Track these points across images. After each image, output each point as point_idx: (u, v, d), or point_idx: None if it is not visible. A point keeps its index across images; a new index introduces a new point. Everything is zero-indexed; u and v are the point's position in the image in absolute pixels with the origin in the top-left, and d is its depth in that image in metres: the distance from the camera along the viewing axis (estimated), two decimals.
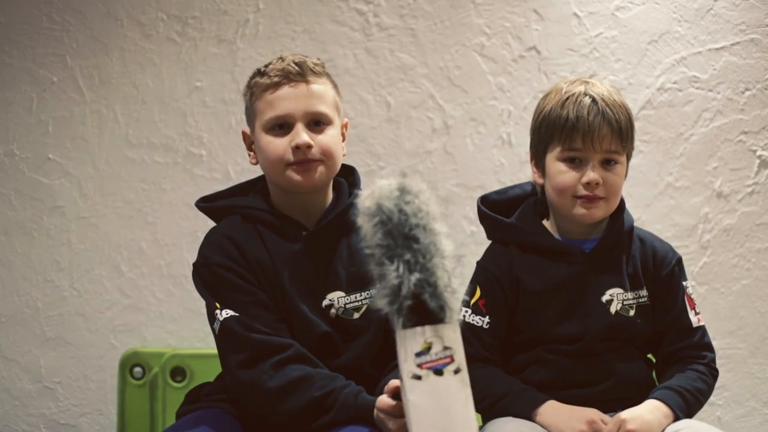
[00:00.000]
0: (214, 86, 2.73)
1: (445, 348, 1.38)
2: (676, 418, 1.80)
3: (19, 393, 2.74)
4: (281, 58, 1.88)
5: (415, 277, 1.37)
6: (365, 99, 2.70)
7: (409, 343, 1.38)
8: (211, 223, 1.98)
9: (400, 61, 2.72)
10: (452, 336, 1.39)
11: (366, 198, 1.42)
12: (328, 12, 2.72)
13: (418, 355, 1.38)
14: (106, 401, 2.72)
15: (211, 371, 2.09)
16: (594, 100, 1.87)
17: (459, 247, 1.41)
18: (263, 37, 2.73)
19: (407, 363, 1.38)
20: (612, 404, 1.87)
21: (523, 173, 2.66)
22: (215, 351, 1.88)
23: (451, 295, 1.39)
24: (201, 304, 2.67)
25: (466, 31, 2.72)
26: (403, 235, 1.39)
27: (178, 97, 2.73)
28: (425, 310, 1.38)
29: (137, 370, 2.62)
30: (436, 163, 2.70)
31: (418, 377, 1.38)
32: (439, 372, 1.38)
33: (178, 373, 2.58)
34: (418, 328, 1.38)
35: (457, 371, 1.38)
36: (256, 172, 1.99)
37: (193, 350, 2.63)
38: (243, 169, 2.69)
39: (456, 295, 1.39)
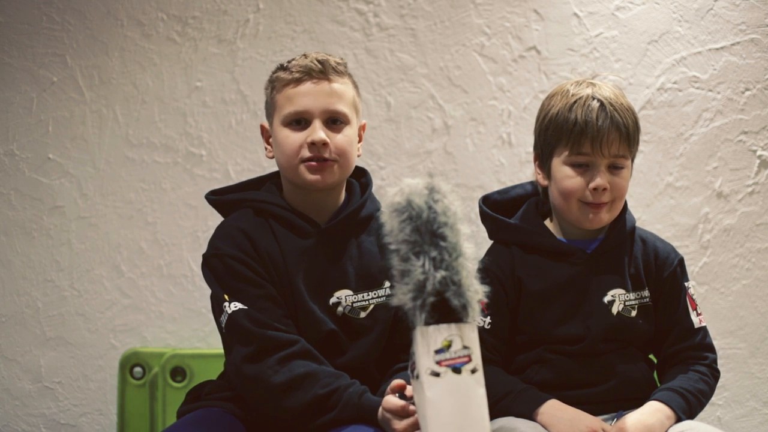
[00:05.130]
0: (214, 86, 2.73)
1: (465, 347, 1.39)
2: (678, 420, 1.80)
3: (19, 393, 2.74)
4: (305, 55, 1.90)
5: (441, 274, 1.39)
6: (365, 99, 2.69)
7: (430, 339, 1.39)
8: (211, 222, 1.98)
9: (400, 61, 2.72)
10: (471, 336, 1.41)
11: (395, 194, 1.44)
12: (328, 12, 2.72)
13: (437, 352, 1.39)
14: (106, 401, 2.72)
15: (212, 371, 2.08)
16: (602, 104, 1.86)
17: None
18: (263, 37, 2.73)
19: (426, 360, 1.39)
20: (613, 405, 1.87)
21: (523, 173, 2.66)
22: (215, 351, 1.88)
23: (474, 295, 1.40)
24: (201, 304, 2.68)
25: (466, 31, 2.72)
26: (431, 232, 1.40)
27: (178, 97, 2.73)
28: (448, 308, 1.39)
29: (137, 370, 2.62)
30: (436, 163, 2.70)
31: (437, 374, 1.38)
32: (457, 370, 1.38)
33: (178, 373, 2.57)
34: (442, 325, 1.39)
35: (474, 371, 1.40)
36: (257, 172, 1.99)
37: (193, 350, 2.63)
38: (243, 169, 2.69)
39: (477, 296, 1.40)
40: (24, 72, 2.75)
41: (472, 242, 1.43)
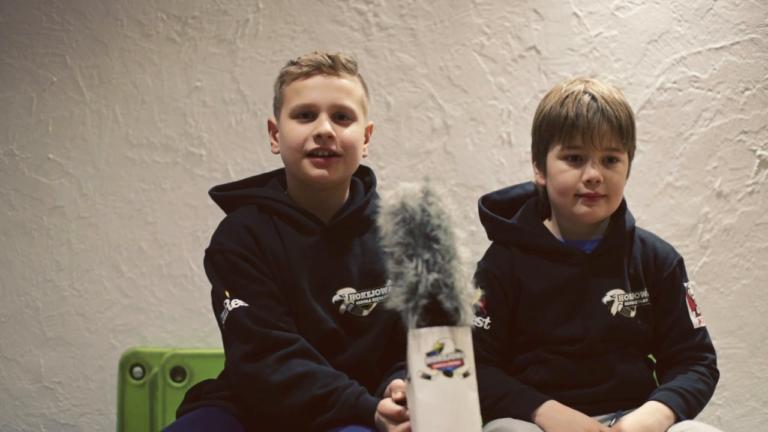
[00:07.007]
0: (214, 86, 2.73)
1: (457, 350, 1.39)
2: (677, 420, 1.80)
3: (19, 393, 2.74)
4: (315, 52, 1.90)
5: (433, 276, 1.39)
6: None
7: (422, 342, 1.38)
8: (211, 222, 1.97)
9: (400, 61, 2.72)
10: (464, 339, 1.40)
11: (390, 197, 1.44)
12: (328, 12, 2.72)
13: (429, 354, 1.38)
14: (106, 401, 2.72)
15: (212, 371, 2.08)
16: (593, 97, 1.87)
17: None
18: (263, 37, 2.73)
19: (418, 362, 1.38)
20: (612, 405, 1.87)
21: (523, 173, 2.66)
22: (215, 351, 1.88)
23: (467, 299, 1.40)
24: (201, 303, 2.68)
25: (466, 31, 2.72)
26: (425, 235, 1.40)
27: (178, 97, 2.73)
28: (440, 311, 1.39)
29: (137, 370, 2.62)
30: (436, 163, 2.70)
31: (428, 377, 1.38)
32: (448, 373, 1.38)
33: (177, 373, 2.57)
34: (434, 328, 1.39)
35: (466, 374, 1.39)
36: (256, 171, 1.99)
37: (193, 350, 2.63)
38: (243, 169, 2.69)
39: (471, 300, 1.40)
40: (24, 72, 2.75)
41: (468, 246, 1.43)
